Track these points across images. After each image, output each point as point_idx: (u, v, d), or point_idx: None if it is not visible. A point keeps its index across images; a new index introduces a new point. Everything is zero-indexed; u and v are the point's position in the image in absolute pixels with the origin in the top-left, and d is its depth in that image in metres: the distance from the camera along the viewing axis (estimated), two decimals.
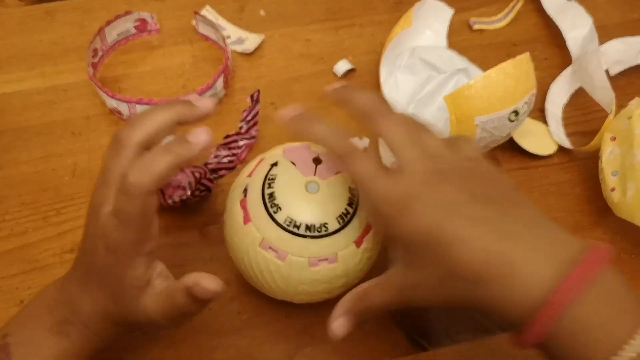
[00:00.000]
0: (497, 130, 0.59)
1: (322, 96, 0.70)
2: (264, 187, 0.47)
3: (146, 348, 0.53)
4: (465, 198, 0.38)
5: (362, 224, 0.48)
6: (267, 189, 0.47)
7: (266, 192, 0.47)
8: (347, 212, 0.47)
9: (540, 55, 0.75)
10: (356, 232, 0.47)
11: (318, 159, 0.49)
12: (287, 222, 0.46)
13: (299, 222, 0.46)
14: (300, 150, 0.50)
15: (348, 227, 0.47)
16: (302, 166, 0.48)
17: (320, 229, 0.46)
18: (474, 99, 0.56)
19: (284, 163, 0.49)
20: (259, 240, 0.46)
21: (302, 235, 0.46)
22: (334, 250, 0.46)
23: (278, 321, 0.55)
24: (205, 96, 0.66)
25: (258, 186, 0.47)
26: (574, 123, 0.69)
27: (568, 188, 0.64)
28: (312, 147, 0.50)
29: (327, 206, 0.47)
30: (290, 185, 0.47)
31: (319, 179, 0.48)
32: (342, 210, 0.47)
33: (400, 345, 0.54)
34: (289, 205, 0.46)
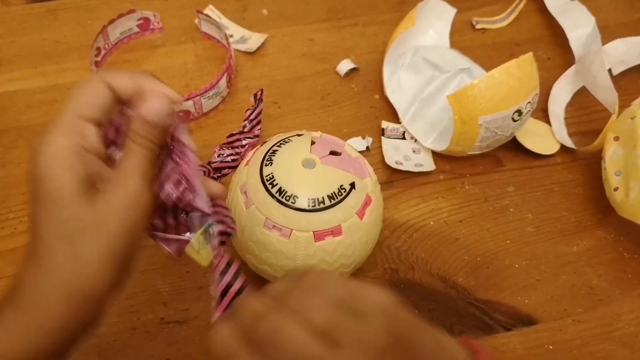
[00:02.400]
0: (501, 130, 0.59)
1: (324, 95, 0.71)
2: (262, 170, 0.48)
3: (148, 346, 0.53)
4: None
5: (361, 195, 0.49)
6: (265, 170, 0.48)
7: (264, 173, 0.48)
8: (346, 184, 0.48)
9: (543, 55, 0.75)
10: (357, 203, 0.48)
11: (312, 141, 0.50)
12: (288, 199, 0.47)
13: (300, 197, 0.47)
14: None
15: (348, 198, 0.48)
16: (298, 147, 0.50)
17: (322, 201, 0.47)
18: (477, 99, 0.57)
19: (280, 147, 0.50)
20: (262, 221, 0.47)
21: (303, 209, 0.47)
22: (338, 221, 0.47)
23: None
24: (208, 95, 0.66)
25: (256, 170, 0.49)
26: (576, 123, 0.69)
27: (571, 188, 0.64)
28: (305, 134, 0.52)
29: (325, 180, 0.48)
30: (287, 164, 0.48)
31: (314, 155, 0.49)
32: (340, 183, 0.48)
33: None
34: (288, 182, 0.47)
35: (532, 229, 0.61)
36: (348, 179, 0.49)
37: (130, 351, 0.53)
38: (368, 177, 0.51)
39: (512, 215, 0.62)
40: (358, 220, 0.49)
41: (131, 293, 0.55)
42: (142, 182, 0.37)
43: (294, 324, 0.33)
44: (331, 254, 0.48)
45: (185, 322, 0.54)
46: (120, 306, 0.55)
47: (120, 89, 0.38)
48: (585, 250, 0.60)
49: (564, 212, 0.63)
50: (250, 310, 0.35)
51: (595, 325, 0.56)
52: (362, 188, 0.49)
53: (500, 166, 0.66)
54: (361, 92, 0.71)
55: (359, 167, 0.51)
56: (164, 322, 0.54)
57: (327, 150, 0.50)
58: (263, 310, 0.35)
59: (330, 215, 0.47)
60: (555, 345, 0.54)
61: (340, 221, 0.47)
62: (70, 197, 0.35)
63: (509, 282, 0.58)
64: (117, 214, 0.36)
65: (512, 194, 0.64)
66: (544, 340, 0.54)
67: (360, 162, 0.52)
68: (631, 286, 0.58)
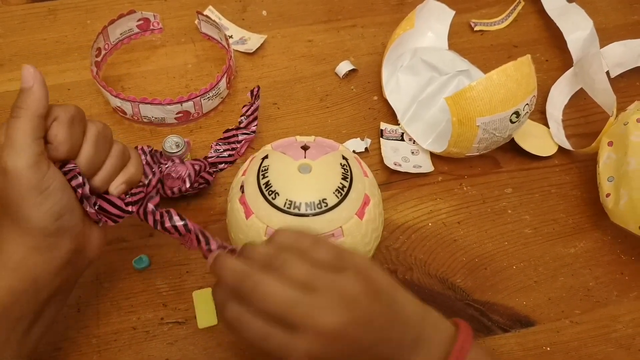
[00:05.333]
0: (498, 132, 0.59)
1: (323, 97, 0.71)
2: (259, 179, 0.49)
3: (147, 346, 0.53)
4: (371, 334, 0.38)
5: (359, 195, 0.49)
6: (262, 179, 0.48)
7: (262, 182, 0.48)
8: (343, 186, 0.48)
9: (541, 57, 0.76)
10: (356, 203, 0.49)
11: (306, 146, 0.51)
12: (286, 205, 0.47)
13: (298, 202, 0.47)
14: (287, 142, 0.52)
15: (347, 199, 0.48)
16: (292, 153, 0.50)
17: (320, 205, 0.47)
18: (475, 101, 0.57)
19: (274, 154, 0.50)
20: (263, 230, 0.47)
21: (303, 214, 0.47)
22: (338, 224, 0.47)
23: None
24: (208, 96, 0.66)
25: (253, 179, 0.49)
26: (574, 125, 0.69)
27: (568, 190, 0.65)
28: (298, 138, 0.52)
29: (323, 183, 0.48)
30: (283, 171, 0.49)
31: (309, 160, 0.49)
32: (337, 185, 0.48)
33: None
34: (285, 189, 0.47)
35: (529, 231, 0.62)
36: (345, 179, 0.49)
37: (130, 351, 0.53)
38: (365, 176, 0.51)
39: (510, 216, 0.62)
40: (358, 220, 0.49)
41: (131, 293, 0.56)
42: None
43: (273, 279, 0.37)
44: None
45: (185, 322, 0.54)
46: (120, 306, 0.55)
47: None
48: (582, 252, 0.60)
49: (561, 214, 0.63)
50: (233, 271, 0.39)
51: (592, 327, 0.56)
52: (360, 188, 0.49)
53: (498, 168, 0.66)
54: (360, 94, 0.72)
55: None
56: (164, 322, 0.54)
57: (321, 153, 0.50)
58: (246, 270, 0.38)
59: (330, 218, 0.47)
60: (553, 346, 0.54)
61: (340, 223, 0.48)
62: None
63: (506, 284, 0.58)
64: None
65: (510, 196, 0.64)
66: (542, 341, 0.55)
67: (356, 162, 0.52)
68: (628, 288, 0.58)
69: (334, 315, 0.36)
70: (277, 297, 0.37)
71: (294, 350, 0.36)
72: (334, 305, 0.36)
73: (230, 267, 0.39)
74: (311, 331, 0.36)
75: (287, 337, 0.36)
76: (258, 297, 0.37)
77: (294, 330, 0.36)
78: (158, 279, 0.57)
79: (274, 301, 0.37)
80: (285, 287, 0.37)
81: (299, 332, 0.36)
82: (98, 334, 0.54)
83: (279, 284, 0.37)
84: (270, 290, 0.37)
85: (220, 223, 0.60)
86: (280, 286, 0.37)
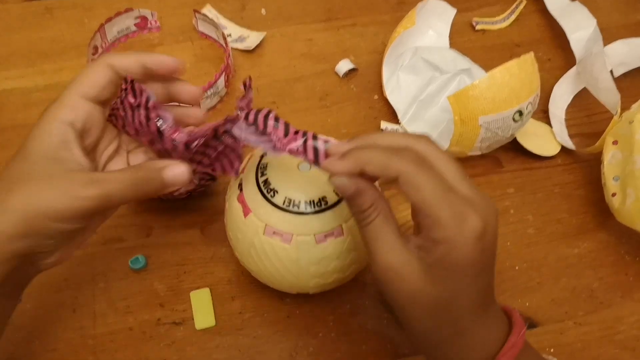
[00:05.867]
0: (501, 131, 0.58)
1: (323, 96, 0.70)
2: (257, 176, 0.47)
3: (144, 347, 0.52)
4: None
5: None
6: (260, 177, 0.47)
7: (260, 180, 0.47)
8: None
9: (544, 57, 0.75)
10: None
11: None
12: (286, 203, 0.46)
13: (298, 200, 0.46)
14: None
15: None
16: None
17: (319, 203, 0.46)
18: (478, 99, 0.56)
19: None
20: (262, 228, 0.46)
21: (303, 212, 0.46)
22: (338, 222, 0.46)
23: (280, 321, 0.54)
24: (206, 95, 0.65)
25: (252, 177, 0.48)
26: (577, 124, 0.69)
27: (572, 189, 0.64)
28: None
29: (322, 180, 0.46)
30: (282, 169, 0.47)
31: None
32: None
33: (403, 346, 0.53)
34: (284, 186, 0.46)
35: (532, 231, 0.61)
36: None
37: (126, 352, 0.52)
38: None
39: (513, 216, 0.62)
40: None
41: (127, 294, 0.55)
42: (99, 195, 0.38)
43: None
44: (334, 256, 0.47)
45: (182, 323, 0.54)
46: (116, 307, 0.54)
47: (123, 68, 0.42)
48: (586, 252, 0.60)
49: (564, 214, 0.62)
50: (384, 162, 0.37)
51: (596, 329, 0.55)
52: None
53: (500, 167, 0.65)
54: (360, 93, 0.71)
55: None
56: (161, 323, 0.54)
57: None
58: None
59: (331, 216, 0.46)
60: (556, 348, 0.54)
61: (341, 221, 0.47)
62: (33, 155, 0.38)
63: (509, 285, 0.57)
64: (60, 190, 0.37)
65: (513, 196, 0.63)
66: (545, 343, 0.54)
67: None
68: (633, 289, 0.57)
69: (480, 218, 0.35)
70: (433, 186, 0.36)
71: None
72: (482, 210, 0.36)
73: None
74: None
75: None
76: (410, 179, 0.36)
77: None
78: (155, 280, 0.56)
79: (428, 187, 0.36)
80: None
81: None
82: (94, 335, 0.53)
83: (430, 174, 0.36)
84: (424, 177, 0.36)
85: (218, 223, 0.59)
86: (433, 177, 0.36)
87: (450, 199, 0.36)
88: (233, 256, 0.53)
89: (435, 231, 0.35)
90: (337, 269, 0.48)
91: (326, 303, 0.55)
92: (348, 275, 0.50)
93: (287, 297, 0.55)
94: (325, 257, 0.47)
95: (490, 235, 0.36)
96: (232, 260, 0.56)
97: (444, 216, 0.35)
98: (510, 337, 0.39)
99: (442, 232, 0.35)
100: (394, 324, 0.54)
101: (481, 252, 0.36)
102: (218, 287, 0.55)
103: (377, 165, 0.37)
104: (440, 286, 0.36)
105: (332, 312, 0.55)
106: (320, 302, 0.55)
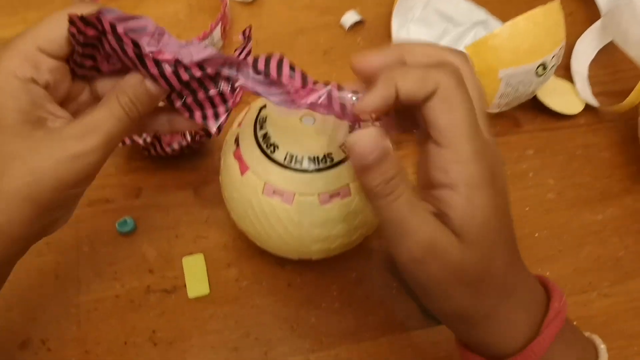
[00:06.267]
0: (522, 86, 0.54)
1: (327, 50, 0.65)
2: (255, 130, 0.43)
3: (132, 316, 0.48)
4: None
5: None
6: (259, 130, 0.43)
7: (259, 134, 0.43)
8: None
9: (565, 10, 0.69)
10: None
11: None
12: (287, 160, 0.42)
13: (300, 157, 0.42)
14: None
15: None
16: None
17: (324, 160, 0.42)
18: (498, 50, 0.51)
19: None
20: (260, 187, 0.42)
21: (306, 170, 0.42)
22: (345, 181, 0.42)
23: (279, 290, 0.51)
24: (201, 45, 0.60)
25: (249, 131, 0.43)
26: (601, 82, 0.64)
27: (596, 152, 0.60)
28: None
29: (328, 135, 0.42)
30: (283, 122, 0.43)
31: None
32: (345, 138, 0.42)
33: (412, 318, 0.50)
34: (285, 141, 0.42)
35: (553, 196, 0.57)
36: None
37: (112, 321, 0.49)
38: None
39: (532, 180, 0.58)
40: None
41: (114, 259, 0.52)
42: (101, 142, 0.33)
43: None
44: (340, 219, 0.43)
45: (173, 291, 0.50)
46: (102, 273, 0.51)
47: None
48: (611, 219, 0.56)
49: (587, 177, 0.58)
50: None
51: (622, 300, 0.51)
52: None
53: (519, 127, 0.61)
54: (367, 47, 0.66)
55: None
56: (150, 291, 0.50)
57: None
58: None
59: (337, 175, 0.42)
60: (579, 321, 0.50)
61: (348, 180, 0.42)
62: (6, 126, 0.32)
63: (528, 253, 0.52)
64: (55, 157, 0.32)
65: (532, 158, 0.59)
66: (567, 316, 0.50)
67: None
68: None
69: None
70: None
71: None
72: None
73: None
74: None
75: None
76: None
77: None
78: (144, 244, 0.52)
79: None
80: None
81: None
82: (78, 302, 0.49)
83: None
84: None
85: (213, 184, 0.55)
86: None
87: (478, 130, 0.31)
88: (229, 219, 0.49)
89: (452, 171, 0.31)
90: (343, 232, 0.44)
91: (330, 271, 0.51)
92: (354, 240, 0.46)
93: (288, 263, 0.51)
94: (330, 220, 0.43)
95: (502, 179, 0.33)
96: (228, 223, 0.53)
97: (468, 149, 0.30)
98: (551, 304, 0.34)
99: (461, 169, 0.30)
100: (404, 294, 0.51)
101: (499, 193, 0.32)
102: (212, 253, 0.52)
103: (413, 79, 0.31)
104: (475, 250, 0.31)
105: (336, 281, 0.51)
106: (324, 270, 0.51)
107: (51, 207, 0.33)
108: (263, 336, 0.49)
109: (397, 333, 0.49)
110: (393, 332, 0.49)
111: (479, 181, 0.30)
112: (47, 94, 0.34)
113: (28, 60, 0.33)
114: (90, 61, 0.36)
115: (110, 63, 0.36)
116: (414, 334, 0.49)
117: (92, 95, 0.38)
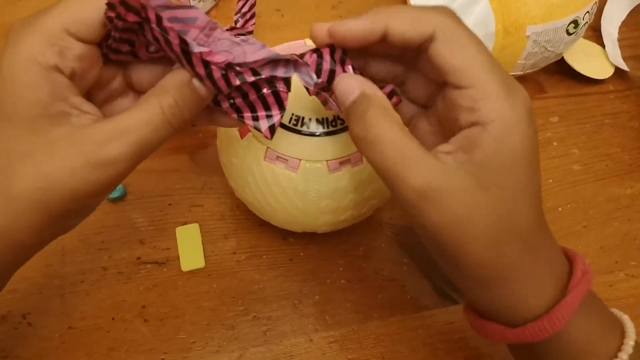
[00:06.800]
0: (551, 45, 0.49)
1: (336, 4, 0.61)
2: None
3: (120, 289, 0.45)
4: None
5: None
6: None
7: None
8: None
9: None
10: None
11: (317, 50, 0.40)
12: (292, 122, 0.38)
13: (307, 119, 0.38)
14: (294, 46, 0.42)
15: None
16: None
17: (334, 123, 0.38)
18: (528, 4, 0.47)
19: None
20: (262, 152, 0.39)
21: (313, 133, 0.38)
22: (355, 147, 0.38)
23: (281, 264, 0.47)
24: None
25: None
26: (632, 45, 0.61)
27: (625, 120, 0.57)
28: (308, 42, 0.43)
29: None
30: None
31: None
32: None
33: (425, 297, 0.46)
34: (291, 102, 0.38)
35: (578, 167, 0.53)
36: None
37: (99, 295, 0.46)
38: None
39: (556, 150, 0.54)
40: None
41: (102, 227, 0.48)
42: (130, 151, 0.29)
43: None
44: (350, 189, 0.39)
45: (166, 263, 0.47)
46: (88, 242, 0.48)
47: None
48: None
49: (616, 148, 0.55)
50: None
51: None
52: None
53: (543, 92, 0.58)
54: (379, 1, 0.62)
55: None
56: (141, 262, 0.47)
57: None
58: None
59: (347, 140, 0.38)
60: (605, 303, 0.46)
61: None
62: (20, 120, 0.28)
63: (551, 228, 0.49)
64: (72, 163, 0.28)
65: (556, 126, 0.56)
66: None
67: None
68: None
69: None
70: None
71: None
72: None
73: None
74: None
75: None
76: None
77: None
78: (135, 212, 0.49)
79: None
80: None
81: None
82: (62, 274, 0.46)
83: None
84: None
85: (211, 148, 0.52)
86: None
87: (497, 65, 0.28)
88: (227, 186, 0.47)
89: (482, 108, 0.27)
90: (353, 204, 0.41)
91: (336, 244, 0.48)
92: (364, 212, 0.43)
93: (291, 236, 0.48)
94: (339, 189, 0.39)
95: (534, 120, 0.29)
96: (225, 191, 0.50)
97: (494, 84, 0.27)
98: (575, 265, 0.31)
99: (492, 106, 0.27)
100: (416, 270, 0.47)
101: (533, 135, 0.28)
102: (209, 223, 0.49)
103: (406, 20, 0.28)
104: (497, 194, 0.28)
105: (343, 255, 0.48)
106: (329, 243, 0.48)
107: (65, 217, 0.29)
108: (262, 314, 0.45)
109: (408, 312, 0.46)
110: (404, 311, 0.46)
111: (511, 115, 0.27)
112: (71, 85, 0.29)
113: (52, 44, 0.28)
114: (127, 46, 0.31)
115: (150, 51, 0.31)
116: (426, 313, 0.46)
117: (126, 82, 0.33)
